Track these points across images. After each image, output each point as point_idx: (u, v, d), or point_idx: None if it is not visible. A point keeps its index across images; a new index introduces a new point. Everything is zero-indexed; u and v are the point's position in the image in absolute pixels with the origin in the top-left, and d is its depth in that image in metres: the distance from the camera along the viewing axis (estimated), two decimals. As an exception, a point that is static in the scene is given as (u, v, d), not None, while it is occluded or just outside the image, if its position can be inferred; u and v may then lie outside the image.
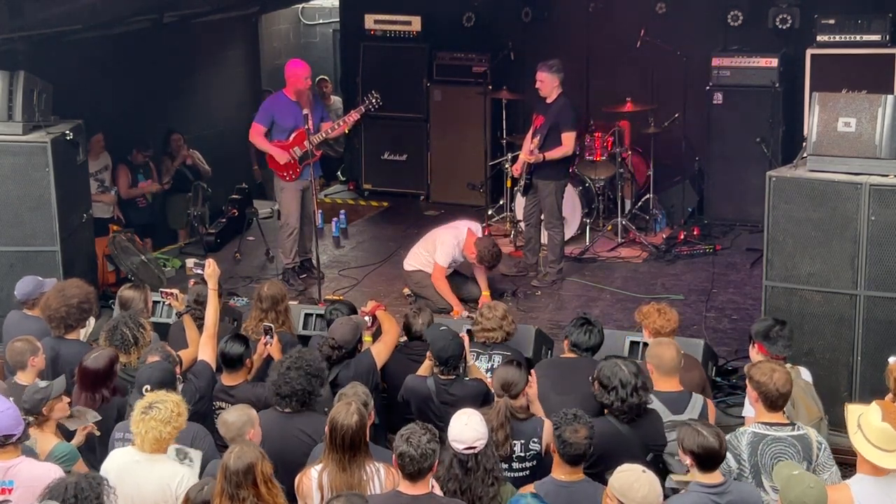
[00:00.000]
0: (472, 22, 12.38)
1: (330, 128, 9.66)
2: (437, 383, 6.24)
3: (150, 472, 5.22)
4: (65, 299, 6.87)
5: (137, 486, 5.20)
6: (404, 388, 6.39)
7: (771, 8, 11.04)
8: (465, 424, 5.15)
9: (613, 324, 8.48)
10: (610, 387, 5.59)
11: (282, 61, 14.46)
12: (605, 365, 5.68)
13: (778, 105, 10.91)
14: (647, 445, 5.58)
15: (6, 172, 8.35)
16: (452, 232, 9.18)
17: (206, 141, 12.65)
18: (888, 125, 6.75)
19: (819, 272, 6.91)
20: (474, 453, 5.14)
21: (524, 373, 5.80)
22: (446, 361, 6.22)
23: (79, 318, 6.91)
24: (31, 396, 5.65)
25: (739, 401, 7.17)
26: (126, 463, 5.30)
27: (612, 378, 5.58)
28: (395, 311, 8.92)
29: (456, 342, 6.26)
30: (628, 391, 5.55)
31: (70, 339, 6.88)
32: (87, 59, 10.78)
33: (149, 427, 5.20)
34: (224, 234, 11.24)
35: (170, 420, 5.23)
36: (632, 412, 5.58)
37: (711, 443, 4.88)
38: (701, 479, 4.92)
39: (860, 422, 4.92)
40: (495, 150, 11.77)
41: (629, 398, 5.55)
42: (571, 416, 5.18)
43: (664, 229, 11.11)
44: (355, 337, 6.57)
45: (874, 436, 4.85)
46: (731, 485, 4.97)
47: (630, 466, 4.76)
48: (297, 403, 5.80)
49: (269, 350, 6.78)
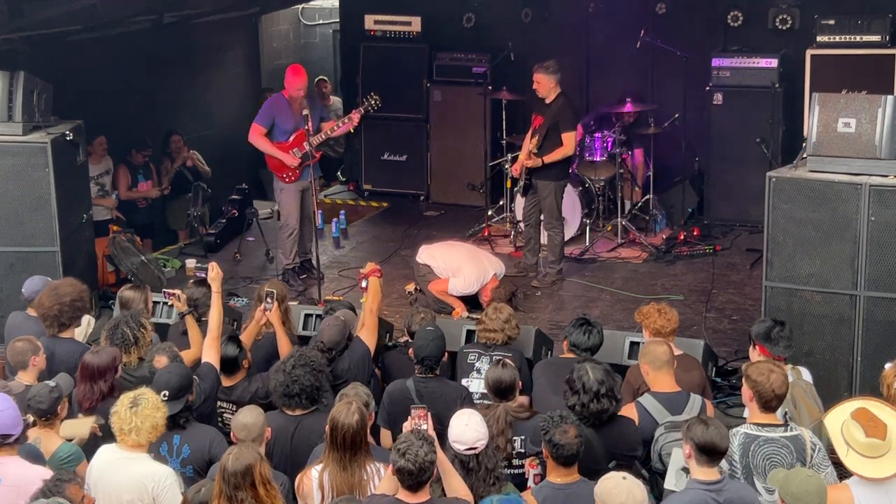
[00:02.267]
0: (472, 22, 12.38)
1: (330, 128, 9.65)
2: (416, 382, 6.23)
3: (127, 470, 5.24)
4: (57, 297, 6.87)
5: (115, 484, 5.23)
6: (386, 395, 6.33)
7: (771, 8, 11.05)
8: (466, 425, 5.15)
9: (613, 324, 8.48)
10: (574, 390, 5.59)
11: (282, 61, 14.50)
12: (577, 367, 5.68)
13: (778, 105, 10.90)
14: (610, 452, 5.55)
15: (6, 172, 8.35)
16: (478, 271, 9.03)
17: (206, 141, 12.66)
18: (888, 125, 6.75)
19: (819, 273, 6.91)
20: (475, 454, 5.14)
21: (515, 370, 5.80)
22: (422, 360, 6.22)
23: (72, 316, 6.91)
24: (48, 396, 5.66)
25: (739, 401, 7.17)
26: (108, 461, 5.33)
27: (577, 382, 5.58)
28: (395, 310, 8.96)
29: (436, 343, 6.25)
30: (590, 397, 5.52)
31: (64, 337, 6.88)
32: (87, 59, 10.79)
33: (144, 416, 5.24)
34: (224, 235, 11.23)
35: (158, 406, 5.31)
36: (593, 417, 5.55)
37: (715, 437, 4.89)
38: (699, 476, 4.93)
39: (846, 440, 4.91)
40: (495, 150, 11.77)
41: (590, 404, 5.52)
42: (558, 417, 5.19)
43: (664, 230, 11.11)
44: (344, 336, 6.59)
45: (864, 450, 4.88)
46: (729, 483, 4.97)
47: (613, 474, 4.78)
48: (308, 401, 5.81)
49: (269, 316, 6.79)
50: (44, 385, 5.83)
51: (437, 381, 6.26)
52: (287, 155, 9.52)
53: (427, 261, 9.24)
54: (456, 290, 9.00)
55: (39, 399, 5.66)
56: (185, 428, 5.69)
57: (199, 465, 5.59)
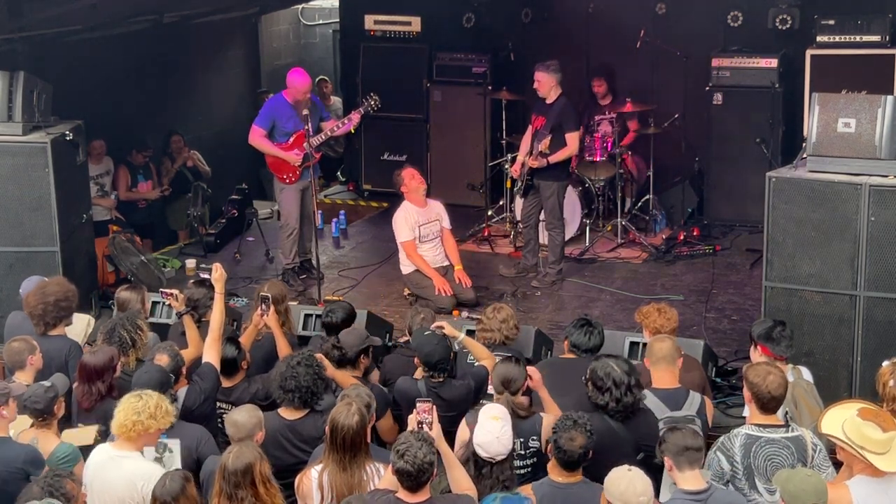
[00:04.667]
0: (472, 22, 12.37)
1: (330, 129, 9.65)
2: (428, 386, 6.23)
3: (119, 469, 5.23)
4: (43, 297, 6.88)
5: (107, 482, 5.23)
6: (395, 391, 6.36)
7: (771, 8, 11.04)
8: (497, 438, 5.16)
9: (613, 324, 8.47)
10: (604, 388, 5.59)
11: (282, 62, 14.51)
12: (597, 366, 5.68)
13: (778, 105, 10.90)
14: (638, 444, 5.58)
15: (6, 173, 8.34)
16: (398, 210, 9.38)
17: (205, 141, 12.65)
18: (888, 126, 6.74)
19: (819, 273, 6.91)
20: (492, 464, 5.16)
21: (523, 369, 5.80)
22: (435, 366, 6.22)
23: (56, 315, 6.90)
24: (44, 396, 5.66)
25: (739, 401, 7.16)
26: (102, 459, 5.34)
27: (606, 379, 5.59)
28: (395, 310, 8.97)
29: (442, 345, 6.25)
30: (622, 391, 5.56)
31: (53, 335, 6.88)
32: (87, 59, 10.78)
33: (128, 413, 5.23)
34: (224, 235, 11.23)
35: (156, 416, 5.27)
36: (626, 411, 5.59)
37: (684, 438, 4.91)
38: (684, 486, 4.93)
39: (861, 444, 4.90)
40: (495, 150, 11.76)
41: (624, 397, 5.56)
42: (571, 422, 5.18)
43: (664, 230, 11.10)
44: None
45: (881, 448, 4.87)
46: (716, 492, 4.97)
47: (621, 467, 4.79)
48: (300, 401, 5.80)
49: (266, 320, 6.80)
50: (39, 385, 5.84)
51: (447, 384, 6.26)
52: (290, 154, 9.51)
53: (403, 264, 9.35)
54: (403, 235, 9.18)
55: (35, 399, 5.66)
56: (171, 427, 5.67)
57: (187, 465, 5.56)
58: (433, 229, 9.33)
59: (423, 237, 9.25)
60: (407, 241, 9.19)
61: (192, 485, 4.84)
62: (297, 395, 5.80)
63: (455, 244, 9.55)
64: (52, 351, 6.71)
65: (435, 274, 9.13)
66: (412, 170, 9.53)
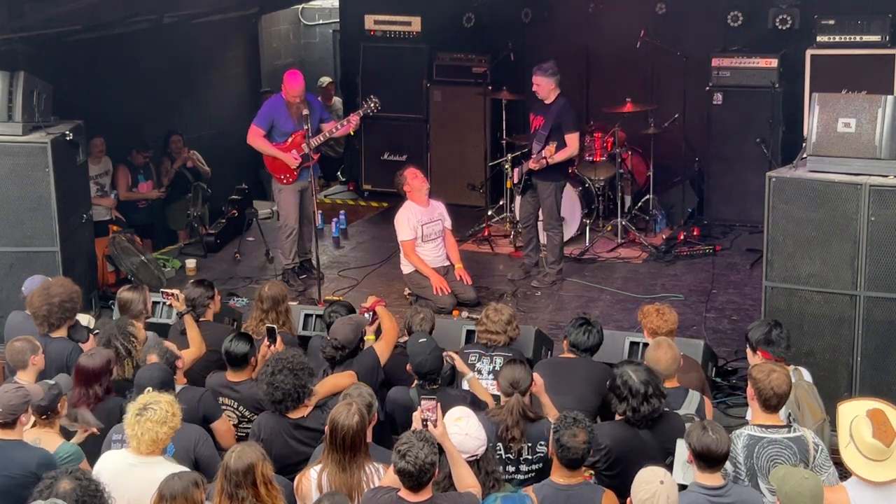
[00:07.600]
0: (472, 22, 12.37)
1: (329, 130, 9.65)
2: (420, 395, 6.16)
3: (146, 475, 5.16)
4: (47, 297, 6.89)
5: (134, 490, 5.15)
6: (387, 400, 6.28)
7: (771, 8, 11.04)
8: (466, 434, 5.15)
9: (613, 324, 8.48)
10: (621, 397, 5.57)
11: (282, 62, 14.51)
12: (616, 373, 5.65)
13: (778, 105, 10.90)
14: (665, 449, 5.54)
15: (6, 173, 8.34)
16: (400, 209, 9.41)
17: (205, 141, 12.64)
18: (888, 126, 6.74)
19: (819, 273, 6.91)
20: (476, 460, 5.15)
21: (529, 371, 5.79)
22: (425, 376, 6.16)
23: (61, 316, 6.91)
24: (48, 394, 5.66)
25: (739, 401, 7.19)
26: (121, 466, 5.28)
27: (623, 388, 5.56)
28: (395, 311, 8.92)
29: (434, 355, 6.17)
30: (639, 401, 5.52)
31: (56, 336, 6.88)
32: (87, 59, 10.78)
33: (145, 429, 5.19)
34: (224, 235, 11.24)
35: (165, 420, 5.22)
36: (645, 420, 5.56)
37: (711, 443, 4.88)
38: (701, 481, 4.93)
39: (852, 432, 4.92)
40: (495, 150, 11.76)
41: (640, 407, 5.53)
42: (571, 419, 5.16)
43: (664, 230, 11.11)
44: (357, 336, 6.55)
45: (865, 449, 4.88)
46: (732, 488, 4.96)
47: (654, 468, 4.74)
48: (293, 402, 5.80)
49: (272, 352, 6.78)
50: (43, 383, 5.83)
51: (441, 392, 6.23)
52: (288, 155, 9.52)
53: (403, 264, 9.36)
54: (404, 234, 9.19)
55: (39, 396, 5.66)
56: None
57: (184, 464, 5.55)
58: (436, 229, 9.33)
59: (426, 236, 9.26)
60: (406, 240, 9.19)
61: (201, 491, 4.77)
62: (290, 400, 5.79)
63: (455, 243, 9.56)
64: (54, 353, 6.70)
65: (433, 273, 9.13)
66: (414, 169, 9.54)
